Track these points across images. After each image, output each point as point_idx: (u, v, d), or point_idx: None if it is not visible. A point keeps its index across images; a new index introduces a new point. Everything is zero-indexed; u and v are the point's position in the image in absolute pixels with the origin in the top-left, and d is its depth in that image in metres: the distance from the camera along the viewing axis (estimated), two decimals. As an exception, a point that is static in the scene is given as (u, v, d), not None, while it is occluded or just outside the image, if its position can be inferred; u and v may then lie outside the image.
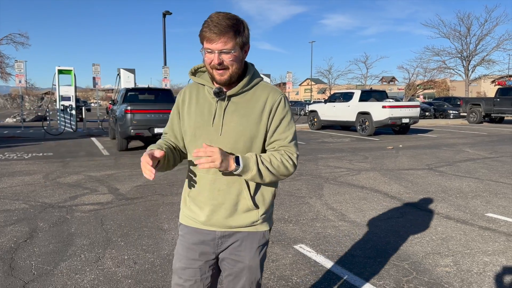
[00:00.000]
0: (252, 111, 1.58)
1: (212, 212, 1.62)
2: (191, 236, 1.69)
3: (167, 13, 19.73)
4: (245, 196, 1.62)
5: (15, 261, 3.47)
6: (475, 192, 5.95)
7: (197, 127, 1.61)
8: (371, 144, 12.48)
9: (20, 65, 15.09)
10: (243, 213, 1.63)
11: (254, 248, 1.68)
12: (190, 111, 1.65)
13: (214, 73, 1.53)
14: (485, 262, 3.46)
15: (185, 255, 1.69)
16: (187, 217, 1.71)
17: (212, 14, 1.51)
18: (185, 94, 1.70)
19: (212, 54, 1.50)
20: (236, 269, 1.68)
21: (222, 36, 1.46)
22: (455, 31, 35.28)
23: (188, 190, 1.70)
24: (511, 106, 20.61)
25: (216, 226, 1.65)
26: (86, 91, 78.61)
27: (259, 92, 1.61)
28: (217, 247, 1.67)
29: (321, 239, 4.03)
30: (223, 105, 1.58)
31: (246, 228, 1.66)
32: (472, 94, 44.75)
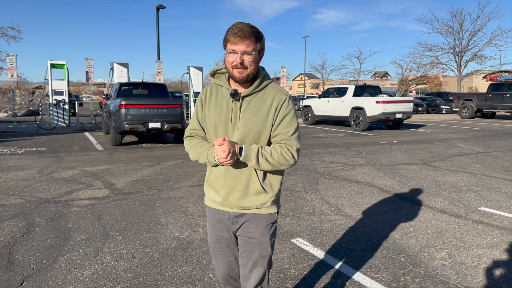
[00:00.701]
0: (261, 109, 1.84)
1: (227, 194, 1.91)
2: (213, 216, 2.02)
3: (161, 7, 19.59)
4: (255, 181, 1.88)
5: (14, 256, 3.47)
6: (469, 187, 6.03)
7: (217, 122, 1.88)
8: (365, 139, 12.56)
9: (12, 59, 14.91)
10: (254, 195, 1.90)
11: (263, 227, 1.93)
12: (210, 108, 1.91)
13: (234, 72, 1.78)
14: (479, 255, 3.52)
15: (212, 232, 2.04)
16: (209, 199, 2.03)
17: (236, 23, 1.78)
18: (206, 93, 1.95)
19: (235, 54, 1.75)
20: (249, 245, 1.95)
21: (245, 39, 1.74)
22: (448, 26, 35.44)
23: (207, 175, 2.01)
24: (503, 102, 20.82)
25: (231, 207, 1.93)
26: (78, 85, 77.88)
27: (268, 92, 1.87)
28: (233, 226, 1.97)
29: (317, 233, 4.07)
30: (237, 104, 1.84)
31: (256, 210, 1.92)
32: (464, 90, 45.10)
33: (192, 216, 4.59)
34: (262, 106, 1.84)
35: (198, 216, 4.61)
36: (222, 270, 2.10)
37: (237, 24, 1.76)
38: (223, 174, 1.90)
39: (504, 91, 20.85)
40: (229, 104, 1.85)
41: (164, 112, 10.15)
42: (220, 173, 1.91)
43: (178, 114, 10.46)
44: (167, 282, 3.04)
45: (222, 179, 1.91)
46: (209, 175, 1.99)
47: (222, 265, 2.09)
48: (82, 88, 76.74)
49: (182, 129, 10.73)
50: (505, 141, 11.75)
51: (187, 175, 6.79)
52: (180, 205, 5.02)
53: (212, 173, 1.96)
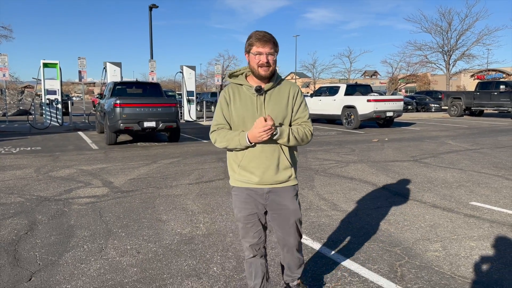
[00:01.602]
0: (281, 100, 2.28)
1: (263, 173, 2.26)
2: (245, 195, 2.32)
3: (154, 6, 19.57)
4: (283, 158, 2.29)
5: (19, 253, 3.54)
6: (459, 182, 6.21)
7: (245, 116, 2.24)
8: (357, 137, 12.75)
9: (4, 58, 14.80)
10: (283, 170, 2.30)
11: (291, 196, 2.35)
12: (236, 105, 2.26)
13: (260, 70, 2.18)
14: (471, 247, 3.68)
15: (243, 207, 2.33)
16: (239, 180, 2.32)
17: (257, 31, 2.19)
18: (229, 93, 2.29)
19: (261, 55, 2.16)
20: (284, 214, 2.33)
21: (269, 43, 2.16)
22: (437, 26, 35.94)
23: (238, 161, 2.30)
24: (490, 100, 21.21)
25: (266, 184, 2.29)
26: (67, 84, 77.17)
27: (284, 86, 2.32)
28: (265, 200, 2.32)
29: (316, 227, 4.20)
30: (261, 98, 2.24)
31: (284, 184, 2.31)
32: (452, 88, 45.66)
33: (192, 213, 4.68)
34: (281, 97, 2.27)
35: (198, 212, 4.70)
36: (252, 240, 2.37)
37: (259, 31, 2.18)
38: (258, 156, 2.24)
39: (491, 90, 21.24)
40: (253, 98, 2.24)
41: (159, 111, 10.21)
42: (254, 155, 2.24)
43: (173, 113, 10.52)
44: (172, 275, 3.13)
45: (257, 160, 2.24)
46: (240, 160, 2.28)
47: (252, 235, 2.36)
48: (72, 88, 76.10)
49: (177, 128, 10.80)
50: (493, 138, 12.02)
51: (185, 173, 6.87)
52: (180, 202, 5.11)
53: (244, 158, 2.26)
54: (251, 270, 2.43)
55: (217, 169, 7.24)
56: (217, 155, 8.88)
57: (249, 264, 2.44)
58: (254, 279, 2.42)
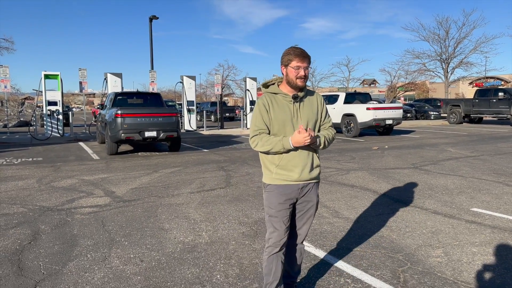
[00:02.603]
0: (312, 107, 2.63)
1: (302, 170, 2.56)
2: (282, 190, 2.57)
3: (154, 17, 19.75)
4: (315, 158, 2.65)
5: (23, 262, 3.55)
6: (460, 189, 6.24)
7: (284, 120, 2.53)
8: (357, 145, 12.78)
9: (5, 70, 14.89)
10: (315, 168, 2.64)
11: (317, 192, 2.71)
12: (275, 111, 2.54)
13: (298, 81, 2.48)
14: (474, 252, 3.70)
15: (278, 203, 2.56)
16: (276, 178, 2.57)
17: (294, 47, 2.50)
18: (267, 101, 2.56)
19: (300, 69, 2.46)
20: (308, 206, 2.67)
21: (307, 58, 2.49)
22: (434, 34, 36.20)
23: (276, 162, 2.56)
24: (489, 107, 21.29)
25: (302, 180, 2.58)
26: (67, 95, 77.46)
27: (312, 95, 2.69)
28: (299, 194, 2.61)
29: (318, 234, 4.22)
30: (296, 104, 2.56)
31: (315, 180, 2.66)
32: (451, 96, 45.82)
33: (194, 221, 4.70)
34: (312, 104, 2.63)
35: (200, 221, 4.72)
36: (283, 232, 2.60)
37: (296, 48, 2.50)
38: (297, 156, 2.54)
39: (490, 97, 21.34)
40: (290, 105, 2.55)
41: (159, 121, 10.26)
42: (294, 156, 2.54)
43: (174, 122, 10.57)
44: (176, 283, 3.14)
45: (296, 159, 2.54)
46: (279, 160, 2.55)
47: (284, 227, 2.60)
48: (72, 99, 76.33)
49: (177, 138, 10.85)
50: (492, 145, 12.06)
51: (186, 182, 6.90)
52: (182, 211, 5.13)
53: (283, 158, 2.54)
54: (271, 266, 2.62)
55: (218, 178, 7.26)
56: (218, 164, 8.91)
57: (271, 260, 2.62)
58: (273, 275, 2.62)
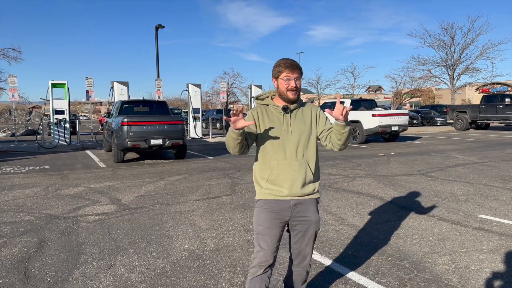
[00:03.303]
0: (305, 119, 2.49)
1: (291, 186, 2.39)
2: (271, 206, 2.41)
3: (160, 26, 19.92)
4: (309, 173, 2.45)
5: (29, 270, 3.57)
6: (467, 195, 6.18)
7: (274, 131, 2.41)
8: (362, 151, 12.74)
9: (13, 79, 15.07)
10: (309, 184, 2.45)
11: (314, 209, 2.50)
12: (264, 123, 2.43)
13: (289, 93, 2.38)
14: (481, 260, 3.66)
15: (267, 219, 2.40)
16: (267, 193, 2.43)
17: (284, 59, 2.41)
18: (258, 112, 2.46)
19: (290, 80, 2.36)
20: (306, 225, 2.46)
21: (297, 69, 2.38)
22: (440, 40, 36.05)
23: (266, 176, 2.42)
24: (496, 113, 21.16)
25: (293, 196, 2.41)
26: (74, 104, 78.07)
27: (306, 108, 2.54)
28: (291, 212, 2.43)
29: (324, 242, 4.20)
30: (287, 116, 2.44)
31: (309, 196, 2.46)
32: (457, 102, 45.59)
33: (200, 229, 4.70)
34: (305, 117, 2.49)
35: (205, 228, 4.72)
36: (269, 253, 2.41)
37: (286, 59, 2.41)
38: (287, 169, 2.39)
39: (497, 103, 21.22)
40: (280, 117, 2.44)
41: (165, 128, 10.31)
42: (284, 169, 2.39)
43: (180, 130, 10.62)
44: (181, 291, 3.14)
45: (286, 173, 2.39)
46: (269, 174, 2.41)
47: (271, 247, 2.41)
48: (79, 107, 76.92)
49: (183, 145, 10.88)
50: (500, 151, 11.96)
51: (191, 190, 6.91)
52: (187, 219, 5.13)
53: (273, 172, 2.40)
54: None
55: (223, 185, 7.26)
56: (223, 171, 8.92)
57: (254, 283, 2.41)
58: None
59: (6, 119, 45.85)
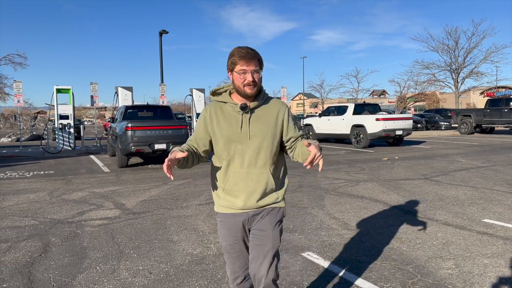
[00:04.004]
0: (268, 119, 2.11)
1: (248, 197, 2.10)
2: (229, 220, 2.16)
3: (164, 32, 20.06)
4: (271, 183, 2.13)
5: (34, 275, 3.58)
6: (471, 200, 6.16)
7: (229, 135, 2.07)
8: (366, 156, 12.72)
9: (18, 85, 15.20)
10: (269, 194, 2.14)
11: (274, 221, 2.16)
12: (219, 124, 2.09)
13: (246, 89, 2.02)
14: (485, 264, 3.64)
15: (228, 234, 2.18)
16: (223, 206, 2.17)
17: (238, 48, 2.02)
18: (211, 112, 2.13)
19: (246, 74, 2.00)
20: (262, 238, 2.14)
21: (253, 60, 2.00)
22: (444, 44, 36.08)
23: (222, 185, 2.14)
24: (501, 117, 21.08)
25: (250, 209, 2.12)
26: (79, 109, 78.53)
27: (271, 105, 2.16)
28: (250, 224, 2.17)
29: (327, 246, 4.19)
30: (247, 116, 2.07)
31: (270, 205, 2.15)
32: (462, 106, 45.47)
33: (203, 233, 4.70)
34: (269, 115, 2.11)
35: (209, 233, 4.72)
36: (238, 268, 2.23)
37: (241, 48, 2.01)
38: (244, 179, 2.08)
39: (502, 106, 21.14)
40: (238, 117, 2.07)
41: (169, 133, 10.35)
42: (240, 179, 2.08)
43: (183, 135, 10.65)
44: (184, 295, 3.14)
45: (242, 184, 2.08)
46: (225, 183, 2.12)
47: (238, 264, 2.22)
48: (83, 112, 77.40)
49: (187, 150, 10.91)
50: (505, 155, 11.90)
51: (195, 194, 6.92)
52: (191, 223, 5.14)
53: (229, 180, 2.10)
54: None
55: (227, 190, 7.26)
56: (227, 176, 8.92)
57: None
58: None
59: (12, 124, 46.14)
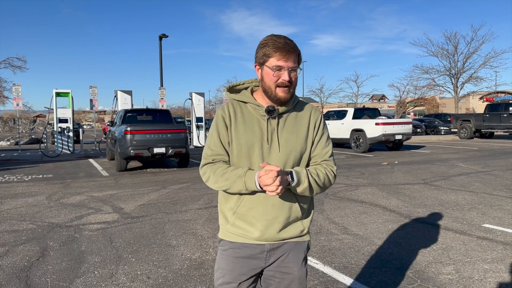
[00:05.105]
0: (299, 128, 1.67)
1: (267, 227, 1.63)
2: (238, 251, 1.68)
3: (164, 36, 20.10)
4: (296, 209, 1.67)
5: (31, 279, 3.56)
6: (471, 205, 6.14)
7: (250, 144, 1.62)
8: (366, 160, 12.70)
9: (17, 88, 15.21)
10: (294, 223, 1.69)
11: (301, 259, 1.71)
12: (238, 129, 1.64)
13: (278, 91, 1.57)
14: (485, 269, 3.62)
15: (231, 269, 1.68)
16: (232, 233, 1.69)
17: (273, 35, 1.58)
18: (229, 112, 1.67)
19: (282, 71, 1.55)
20: (286, 282, 1.69)
21: (293, 54, 1.56)
22: (443, 49, 36.12)
23: (233, 207, 1.67)
24: (500, 122, 21.08)
25: (267, 241, 1.66)
26: (78, 113, 78.56)
27: (302, 110, 1.72)
28: (266, 261, 1.68)
29: (326, 251, 4.17)
30: (273, 122, 1.63)
31: (294, 239, 1.70)
32: (461, 111, 45.55)
33: (202, 238, 4.68)
34: (300, 124, 1.68)
35: (207, 237, 4.70)
36: None
37: (277, 37, 1.57)
38: (262, 203, 1.62)
39: (501, 112, 21.15)
40: (262, 122, 1.64)
41: (168, 137, 10.34)
42: (258, 202, 1.63)
43: (182, 138, 10.64)
44: (183, 300, 3.12)
45: (261, 209, 1.63)
46: (237, 205, 1.66)
47: None
48: (83, 116, 77.43)
49: (186, 154, 10.90)
50: (504, 160, 11.90)
51: (194, 198, 6.90)
52: (189, 227, 5.11)
53: (242, 203, 1.65)
54: None
55: (226, 194, 7.24)
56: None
57: None
58: None
59: (10, 128, 46.07)
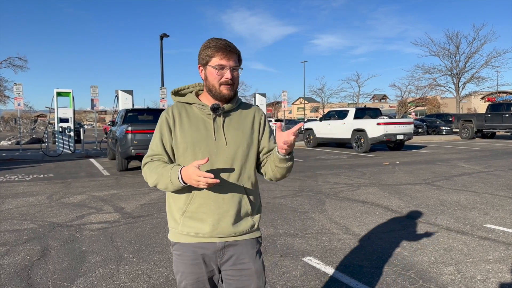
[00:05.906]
0: (245, 125, 1.79)
1: (218, 221, 1.69)
2: (192, 253, 1.72)
3: (165, 35, 20.09)
4: (246, 202, 1.75)
5: (32, 278, 3.55)
6: (473, 205, 6.12)
7: (196, 142, 1.70)
8: (367, 160, 12.68)
9: (19, 88, 15.22)
10: (244, 218, 1.75)
11: (254, 253, 1.77)
12: (183, 129, 1.72)
13: (222, 89, 1.69)
14: (488, 270, 3.60)
15: (189, 271, 1.72)
16: (183, 234, 1.72)
17: (215, 38, 1.70)
18: (173, 114, 1.76)
19: (224, 70, 1.68)
20: (244, 278, 1.74)
21: (234, 55, 1.70)
22: (445, 49, 36.09)
23: (183, 206, 1.71)
24: (502, 122, 21.05)
25: (220, 236, 1.71)
26: (79, 112, 78.69)
27: (246, 108, 1.85)
28: (219, 259, 1.73)
29: (328, 251, 4.16)
30: (219, 120, 1.74)
31: (244, 236, 1.75)
32: (463, 111, 45.49)
33: (203, 238, 4.67)
34: (244, 121, 1.80)
35: (209, 237, 4.69)
36: None
37: (219, 39, 1.70)
38: (214, 198, 1.68)
39: (503, 111, 21.12)
40: (208, 121, 1.74)
41: (169, 137, 10.32)
42: (208, 198, 1.68)
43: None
44: (184, 300, 3.10)
45: (211, 204, 1.68)
46: (187, 204, 1.70)
47: None
48: (84, 116, 77.54)
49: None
50: (506, 160, 11.87)
51: (195, 198, 6.88)
52: (191, 227, 5.10)
53: (192, 200, 1.69)
54: None
55: (227, 194, 7.23)
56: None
57: None
58: None
59: (12, 128, 46.15)
